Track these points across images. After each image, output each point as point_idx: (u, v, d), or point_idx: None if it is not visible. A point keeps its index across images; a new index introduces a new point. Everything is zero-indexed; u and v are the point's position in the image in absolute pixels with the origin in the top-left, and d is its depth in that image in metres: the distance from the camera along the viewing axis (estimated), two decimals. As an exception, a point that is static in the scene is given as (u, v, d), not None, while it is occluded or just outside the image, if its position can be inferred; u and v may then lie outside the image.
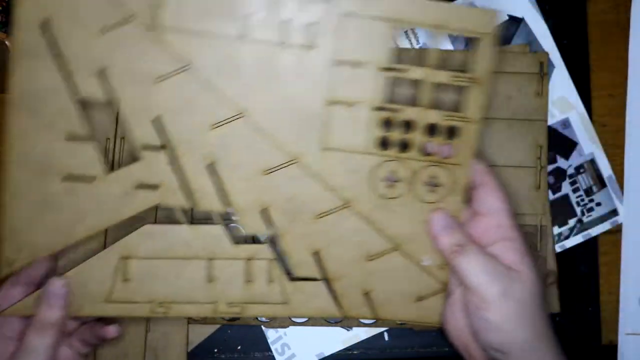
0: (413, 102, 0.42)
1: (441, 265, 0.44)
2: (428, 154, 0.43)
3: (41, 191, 0.43)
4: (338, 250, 0.44)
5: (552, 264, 0.51)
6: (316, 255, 0.45)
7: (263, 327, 0.51)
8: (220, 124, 0.43)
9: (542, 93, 0.50)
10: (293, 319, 0.51)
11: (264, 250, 0.45)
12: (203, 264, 0.44)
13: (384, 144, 0.43)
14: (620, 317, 0.53)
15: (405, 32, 0.53)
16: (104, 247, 0.46)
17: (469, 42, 0.45)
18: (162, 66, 0.42)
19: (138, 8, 0.42)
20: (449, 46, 0.53)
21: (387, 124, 0.43)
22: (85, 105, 0.43)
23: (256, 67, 0.42)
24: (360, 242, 0.44)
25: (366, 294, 0.45)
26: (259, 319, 0.51)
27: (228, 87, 0.43)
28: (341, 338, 0.52)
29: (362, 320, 0.51)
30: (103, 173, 0.43)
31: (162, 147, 0.43)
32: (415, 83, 0.42)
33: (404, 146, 0.43)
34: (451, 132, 0.42)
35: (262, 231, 0.44)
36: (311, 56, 0.42)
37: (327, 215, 0.44)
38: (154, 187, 0.44)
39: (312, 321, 0.51)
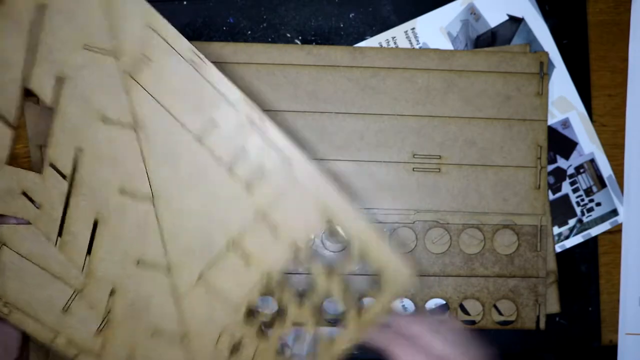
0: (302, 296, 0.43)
1: None
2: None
3: None
4: None
5: (552, 264, 0.51)
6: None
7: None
8: (128, 193, 0.43)
9: (542, 93, 0.50)
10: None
11: None
12: (69, 292, 0.44)
13: (252, 313, 0.43)
14: (620, 317, 0.53)
15: (405, 31, 0.53)
16: None
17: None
18: (113, 112, 0.42)
19: (129, 51, 0.42)
20: (449, 47, 0.53)
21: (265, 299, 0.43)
22: (26, 94, 0.42)
23: (193, 168, 0.42)
24: None
25: None
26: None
27: (158, 168, 0.43)
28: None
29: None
30: (2, 161, 0.43)
31: (65, 177, 0.43)
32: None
33: (269, 324, 0.44)
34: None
35: (100, 308, 0.44)
36: (243, 195, 0.42)
37: (160, 336, 0.44)
38: (36, 204, 0.43)
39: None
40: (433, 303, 0.51)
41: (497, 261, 0.51)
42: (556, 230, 0.53)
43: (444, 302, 0.51)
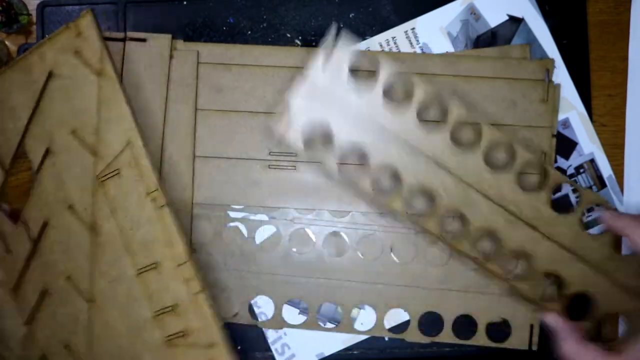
0: None
1: None
2: None
3: None
4: None
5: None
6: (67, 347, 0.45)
7: (263, 328, 0.51)
8: (72, 283, 0.44)
9: (547, 100, 0.50)
10: (287, 322, 0.51)
11: None
12: (18, 335, 0.46)
13: None
14: (620, 317, 0.53)
15: (405, 31, 0.52)
16: None
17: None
18: (78, 205, 0.43)
19: (106, 158, 0.43)
20: (449, 47, 0.53)
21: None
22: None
23: (127, 295, 0.44)
24: None
25: None
26: (256, 319, 0.51)
27: (100, 279, 0.44)
28: (341, 338, 0.52)
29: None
30: None
31: (31, 240, 0.44)
32: None
33: None
34: None
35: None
36: (158, 341, 0.44)
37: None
38: (9, 247, 0.45)
39: (306, 324, 0.51)
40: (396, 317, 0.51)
41: (495, 278, 0.50)
42: (556, 230, 0.53)
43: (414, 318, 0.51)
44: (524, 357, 0.52)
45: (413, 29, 0.53)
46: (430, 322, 0.51)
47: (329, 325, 0.51)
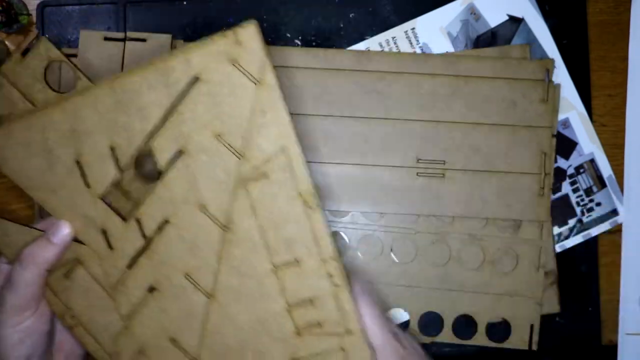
0: None
1: None
2: None
3: None
4: None
5: (552, 264, 0.51)
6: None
7: None
8: (191, 280, 0.44)
9: (547, 100, 0.50)
10: None
11: None
12: (117, 328, 0.45)
13: None
14: (620, 317, 0.53)
15: (405, 32, 0.52)
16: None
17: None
18: (213, 206, 0.44)
19: (254, 161, 0.43)
20: (449, 47, 0.53)
21: None
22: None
23: (258, 290, 0.44)
24: None
25: None
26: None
27: (228, 276, 0.44)
28: (341, 338, 0.52)
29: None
30: (98, 194, 0.44)
31: (145, 237, 0.44)
32: None
33: None
34: None
35: None
36: (291, 338, 0.44)
37: None
38: (111, 244, 0.45)
39: None
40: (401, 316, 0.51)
41: (495, 278, 0.51)
42: (556, 230, 0.53)
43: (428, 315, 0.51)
44: (524, 357, 0.52)
45: (413, 29, 0.53)
46: (430, 322, 0.51)
47: None
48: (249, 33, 0.42)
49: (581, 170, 0.53)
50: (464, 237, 0.51)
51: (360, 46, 0.52)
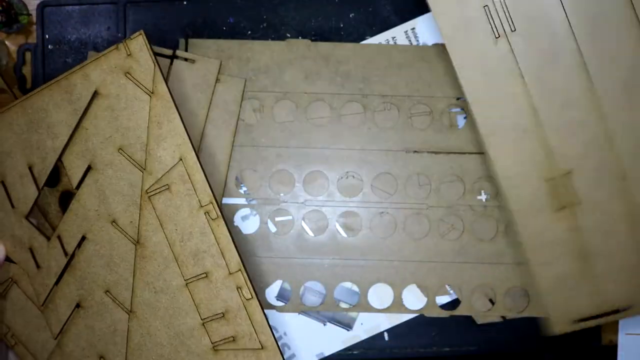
0: None
1: None
2: None
3: None
4: None
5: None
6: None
7: (281, 312, 0.52)
8: (111, 296, 0.45)
9: None
10: (306, 304, 0.52)
11: None
12: (51, 346, 0.46)
13: None
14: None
15: (405, 31, 0.52)
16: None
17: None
18: (123, 219, 0.44)
19: (155, 173, 0.44)
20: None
21: None
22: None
23: (172, 304, 0.44)
24: None
25: None
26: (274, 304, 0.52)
27: (143, 290, 0.45)
28: (341, 338, 0.52)
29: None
30: (23, 214, 0.45)
31: (66, 254, 0.45)
32: None
33: None
34: None
35: None
36: (206, 353, 0.45)
37: None
38: (37, 263, 0.46)
39: (324, 306, 0.51)
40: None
41: (509, 248, 0.51)
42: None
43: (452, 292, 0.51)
44: (524, 358, 0.52)
45: (413, 29, 0.53)
46: (448, 296, 0.52)
47: (347, 305, 0.52)
48: (138, 43, 0.43)
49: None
50: (476, 208, 0.51)
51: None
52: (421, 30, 0.53)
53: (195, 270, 0.44)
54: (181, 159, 0.43)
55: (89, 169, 0.44)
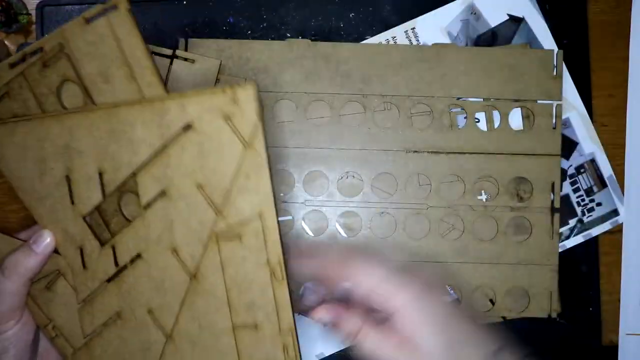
0: None
1: None
2: None
3: None
4: None
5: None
6: None
7: None
8: (153, 317, 0.45)
9: (555, 127, 0.51)
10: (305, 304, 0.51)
11: None
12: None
13: None
14: (620, 317, 0.53)
15: (405, 31, 0.52)
16: None
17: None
18: (184, 252, 0.44)
19: (230, 221, 0.43)
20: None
21: None
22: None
23: (215, 345, 0.45)
24: None
25: None
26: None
27: (188, 321, 0.45)
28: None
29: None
30: (81, 214, 0.45)
31: (117, 265, 0.45)
32: None
33: None
34: None
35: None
36: None
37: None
38: (85, 264, 0.46)
39: None
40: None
41: (510, 248, 0.51)
42: (557, 230, 0.53)
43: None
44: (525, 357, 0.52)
45: (413, 28, 0.53)
46: (448, 296, 0.51)
47: None
48: (247, 94, 0.42)
49: (582, 170, 0.53)
50: (476, 208, 0.51)
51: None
52: (421, 30, 0.53)
53: (246, 319, 0.44)
54: (260, 216, 0.43)
55: (161, 193, 0.44)
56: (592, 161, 0.53)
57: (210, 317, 0.44)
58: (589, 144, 0.53)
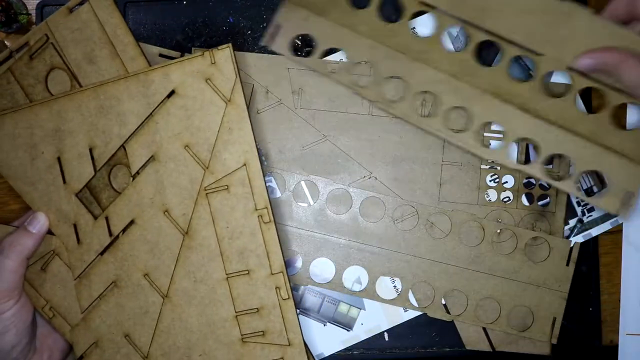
0: None
1: None
2: None
3: None
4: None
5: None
6: None
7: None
8: (149, 280, 0.47)
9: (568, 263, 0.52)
10: (314, 280, 0.52)
11: None
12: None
13: None
14: (620, 317, 0.53)
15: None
16: None
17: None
18: (176, 211, 0.47)
19: (217, 173, 0.46)
20: (450, 47, 0.52)
21: None
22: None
23: (210, 296, 0.47)
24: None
25: None
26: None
27: (182, 278, 0.47)
28: (341, 338, 0.52)
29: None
30: (73, 191, 0.48)
31: (111, 235, 0.47)
32: None
33: None
34: None
35: None
36: (235, 343, 0.47)
37: None
38: (79, 239, 0.48)
39: (331, 284, 0.52)
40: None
41: (525, 267, 0.51)
42: (556, 230, 0.53)
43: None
44: (524, 358, 0.52)
45: (413, 28, 0.53)
46: (455, 301, 0.52)
47: (354, 288, 0.52)
48: (224, 55, 0.46)
49: (582, 170, 0.53)
50: (500, 222, 0.51)
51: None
52: (421, 30, 0.53)
53: (239, 266, 0.47)
54: (245, 165, 0.46)
55: (151, 159, 0.46)
56: (592, 161, 0.53)
57: (204, 270, 0.47)
58: (589, 144, 0.53)
